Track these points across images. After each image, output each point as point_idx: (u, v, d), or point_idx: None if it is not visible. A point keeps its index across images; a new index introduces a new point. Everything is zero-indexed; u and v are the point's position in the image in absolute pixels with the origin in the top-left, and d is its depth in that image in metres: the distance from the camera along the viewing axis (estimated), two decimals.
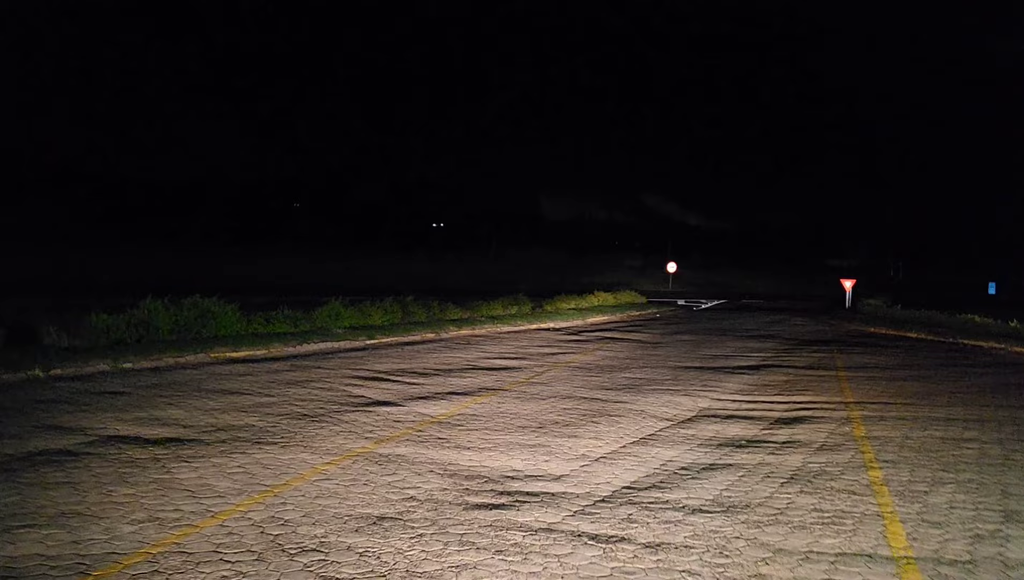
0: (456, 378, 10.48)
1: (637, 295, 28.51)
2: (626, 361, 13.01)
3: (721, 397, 9.63)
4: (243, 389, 9.07)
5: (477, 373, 11.02)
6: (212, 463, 5.82)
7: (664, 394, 9.66)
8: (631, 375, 11.28)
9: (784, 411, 8.79)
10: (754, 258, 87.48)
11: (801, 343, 16.93)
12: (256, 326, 13.37)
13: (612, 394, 9.56)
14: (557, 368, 11.85)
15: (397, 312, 16.30)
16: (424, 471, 5.81)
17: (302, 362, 11.50)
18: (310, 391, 9.08)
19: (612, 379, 10.84)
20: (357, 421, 7.47)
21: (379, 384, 9.73)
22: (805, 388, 10.44)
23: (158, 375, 9.92)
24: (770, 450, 6.87)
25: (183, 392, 8.77)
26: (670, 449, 6.80)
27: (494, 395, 9.20)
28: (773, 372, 11.99)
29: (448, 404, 8.53)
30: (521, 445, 6.75)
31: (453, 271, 47.40)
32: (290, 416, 7.62)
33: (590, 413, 8.29)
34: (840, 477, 5.98)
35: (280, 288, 29.37)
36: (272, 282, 34.28)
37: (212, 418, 7.43)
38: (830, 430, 7.76)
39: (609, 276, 48.38)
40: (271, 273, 40.05)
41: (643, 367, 12.23)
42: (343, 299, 16.12)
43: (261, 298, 21.99)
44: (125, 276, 31.43)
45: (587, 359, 13.10)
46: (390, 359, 12.21)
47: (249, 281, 33.86)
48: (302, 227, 78.00)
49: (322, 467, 5.81)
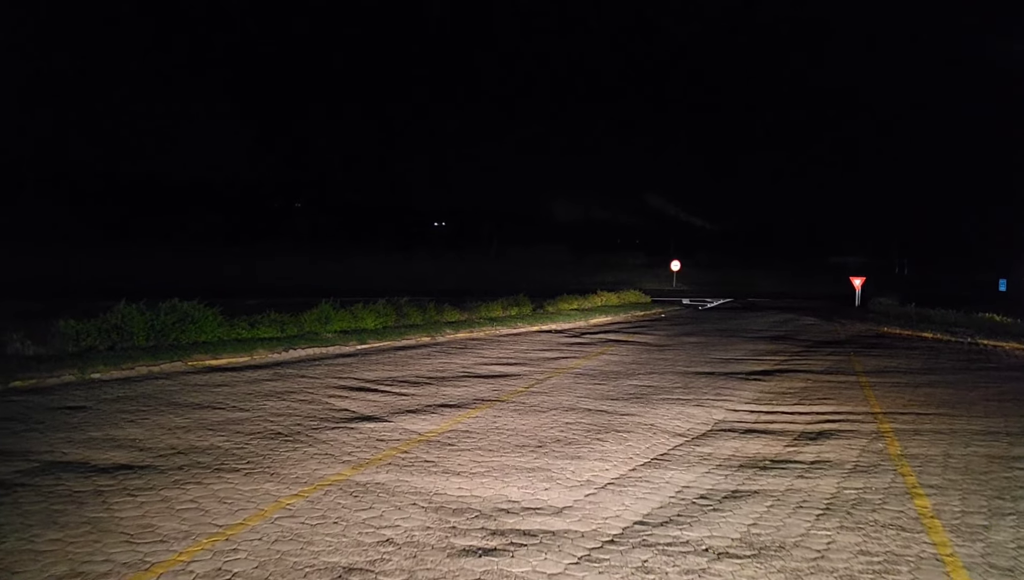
0: (449, 387, 9.72)
1: (641, 294, 27.72)
2: (632, 366, 12.25)
3: (737, 407, 8.86)
4: (216, 402, 8.32)
5: (473, 381, 10.26)
6: (161, 497, 5.06)
7: (675, 405, 8.89)
8: (638, 382, 10.51)
9: (807, 424, 8.02)
10: (756, 256, 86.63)
11: (814, 345, 16.15)
12: (240, 331, 12.61)
13: (619, 405, 8.79)
14: (559, 375, 11.09)
15: (391, 314, 15.55)
16: (406, 504, 5.05)
17: (286, 370, 10.74)
18: (289, 404, 8.32)
19: (618, 387, 10.07)
20: (336, 441, 6.71)
21: (365, 395, 8.97)
22: (826, 396, 9.67)
23: (127, 386, 9.16)
24: (798, 472, 6.11)
25: (149, 406, 8.01)
26: (686, 472, 6.04)
27: (490, 407, 8.44)
28: (789, 378, 11.21)
29: (439, 419, 7.77)
30: (518, 469, 5.99)
31: (453, 270, 46.62)
32: (262, 435, 6.86)
33: (595, 428, 7.53)
34: (883, 507, 5.22)
35: (277, 289, 28.64)
36: (271, 282, 33.50)
37: (174, 438, 6.68)
38: (861, 447, 6.99)
39: (612, 275, 47.59)
40: (271, 273, 39.31)
41: (650, 373, 11.46)
42: (337, 300, 15.36)
43: (255, 299, 21.24)
44: (122, 277, 30.71)
45: (591, 364, 12.33)
46: (381, 366, 11.45)
47: (247, 282, 33.12)
48: (302, 226, 77.28)
49: (288, 500, 5.05)
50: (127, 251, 45.20)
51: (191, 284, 29.62)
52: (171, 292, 12.90)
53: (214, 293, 25.51)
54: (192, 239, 58.94)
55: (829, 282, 60.25)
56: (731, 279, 54.35)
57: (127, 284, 25.96)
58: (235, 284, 30.61)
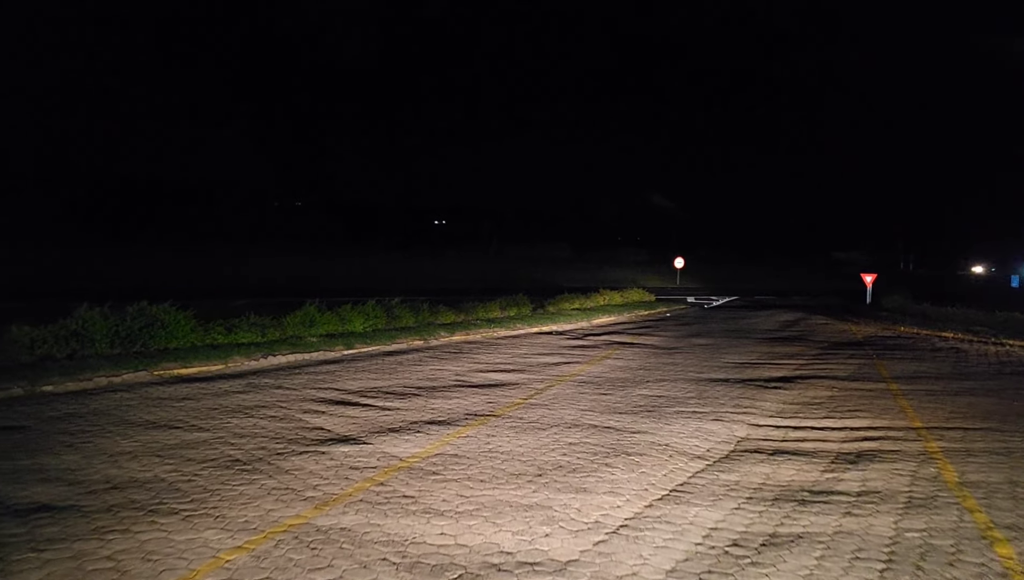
0: (440, 399, 8.77)
1: (645, 293, 26.76)
2: (640, 372, 11.30)
3: (760, 422, 7.91)
4: (175, 420, 7.37)
5: (466, 392, 9.31)
6: (72, 552, 4.12)
7: (691, 419, 7.95)
8: (648, 392, 9.56)
9: (842, 442, 7.08)
10: (760, 253, 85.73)
11: (832, 346, 15.19)
12: (216, 336, 11.66)
13: (628, 420, 7.84)
14: (560, 383, 10.15)
15: (381, 317, 14.60)
16: (374, 559, 4.11)
17: (261, 380, 9.80)
18: (257, 422, 7.38)
19: (626, 398, 9.13)
20: (301, 470, 5.77)
21: (345, 410, 8.02)
22: (857, 408, 8.72)
23: (80, 401, 8.22)
24: (844, 507, 5.16)
25: (98, 426, 7.07)
26: (712, 509, 5.09)
27: (483, 424, 7.49)
28: (813, 385, 10.26)
29: (424, 439, 6.82)
30: (513, 506, 5.05)
31: (452, 269, 45.65)
32: (217, 463, 5.92)
33: (602, 450, 6.58)
34: (960, 559, 4.27)
35: (271, 289, 27.70)
36: (265, 282, 32.54)
37: (114, 467, 5.73)
38: (911, 472, 6.04)
39: (614, 272, 46.61)
40: (267, 272, 38.37)
41: (661, 381, 10.51)
42: (327, 301, 14.45)
43: (244, 300, 20.31)
44: (110, 277, 29.79)
45: (595, 370, 11.39)
46: (366, 373, 10.51)
47: (240, 281, 32.17)
48: (299, 225, 76.39)
49: (228, 555, 4.11)
50: (124, 251, 44.29)
51: (182, 284, 28.73)
52: (158, 293, 11.98)
53: (203, 293, 24.66)
54: (190, 239, 58.10)
55: (834, 278, 59.30)
56: (735, 276, 53.40)
57: (114, 284, 25.08)
58: (229, 283, 29.70)
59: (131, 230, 56.69)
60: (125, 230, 57.64)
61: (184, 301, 13.82)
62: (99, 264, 35.29)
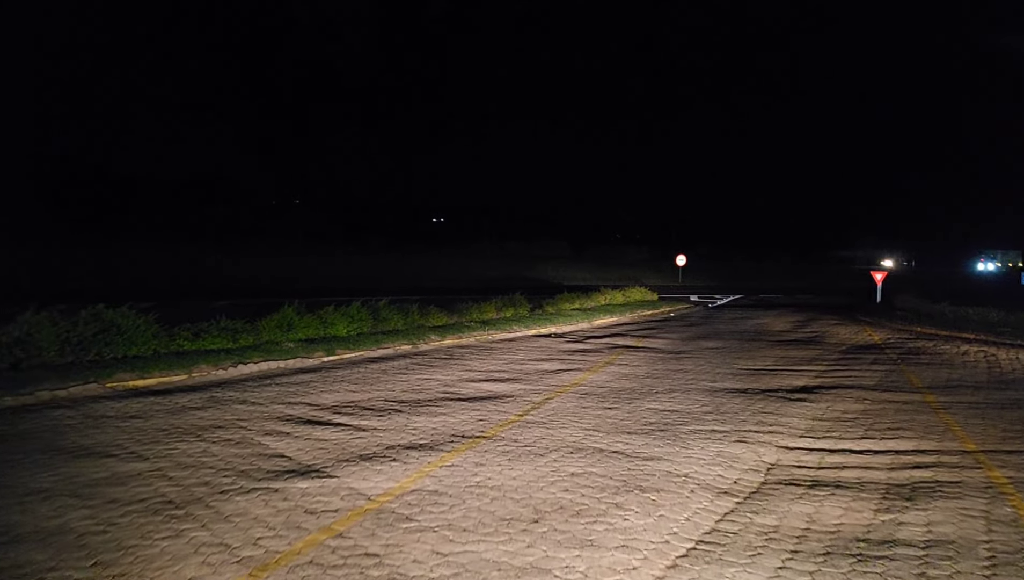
0: (424, 416, 7.74)
1: (647, 291, 25.74)
2: (647, 381, 10.28)
3: (790, 443, 6.89)
4: (113, 445, 6.34)
5: (454, 406, 8.28)
6: None
7: (710, 440, 6.92)
8: (658, 406, 8.53)
9: (890, 470, 6.06)
10: (761, 250, 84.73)
11: (851, 351, 14.17)
12: (181, 342, 10.63)
13: (638, 442, 6.82)
14: (560, 395, 9.12)
15: (367, 319, 13.56)
16: None
17: (226, 393, 8.76)
18: (208, 448, 6.34)
19: (634, 413, 8.10)
20: (245, 516, 4.73)
21: (313, 432, 6.99)
22: (896, 425, 7.70)
23: (11, 421, 7.18)
24: (916, 566, 4.15)
25: (20, 454, 6.03)
26: (752, 571, 4.07)
27: (471, 449, 6.47)
28: (840, 397, 9.24)
29: (400, 470, 5.79)
30: (502, 569, 4.02)
31: (448, 268, 44.59)
32: (145, 506, 4.88)
33: (611, 483, 5.55)
34: None
35: (258, 288, 26.68)
36: (254, 281, 31.44)
37: (18, 513, 4.70)
38: (983, 513, 5.02)
39: (614, 271, 45.57)
40: (258, 271, 37.30)
41: (671, 391, 9.49)
42: (306, 302, 13.45)
43: (227, 301, 19.28)
44: (94, 277, 28.75)
45: (598, 379, 10.36)
46: (345, 385, 9.47)
47: (226, 280, 31.11)
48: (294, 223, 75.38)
49: None
50: (106, 250, 43.24)
51: (164, 284, 27.66)
52: (134, 293, 11.03)
53: (184, 293, 23.63)
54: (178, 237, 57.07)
55: (835, 276, 58.32)
56: (737, 274, 52.42)
57: (90, 284, 24.06)
58: (215, 282, 28.64)
59: (115, 227, 55.52)
60: (109, 227, 56.62)
61: (162, 301, 12.85)
62: (79, 263, 34.24)
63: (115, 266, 33.82)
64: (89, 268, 32.02)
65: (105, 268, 32.95)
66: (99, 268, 32.74)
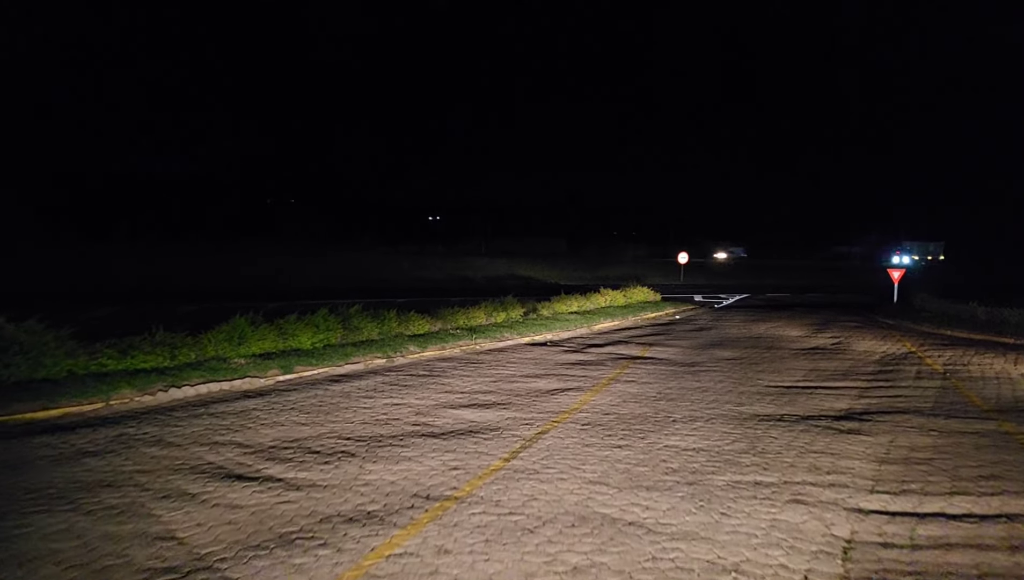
0: (381, 463, 6.03)
1: (649, 291, 24.05)
2: (661, 404, 8.59)
3: (861, 503, 5.20)
4: None
5: (423, 447, 6.57)
6: None
7: (757, 500, 5.22)
8: (680, 442, 6.84)
9: (1012, 551, 4.37)
10: (761, 245, 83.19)
11: (886, 361, 12.50)
12: (105, 360, 8.90)
13: (662, 504, 5.11)
14: (558, 425, 7.43)
15: (335, 328, 11.85)
16: None
17: (141, 429, 7.04)
18: (74, 523, 4.63)
19: (650, 453, 6.41)
20: None
21: (227, 493, 5.27)
22: (987, 470, 6.01)
23: None
24: None
25: None
26: None
27: (435, 521, 4.75)
28: (899, 426, 7.56)
29: (327, 570, 4.08)
30: None
31: (440, 267, 42.88)
32: None
33: None
34: None
35: (235, 290, 24.94)
36: (233, 281, 29.63)
37: None
38: None
39: (613, 269, 43.85)
40: (241, 271, 35.51)
41: (692, 419, 7.79)
42: (278, 304, 11.75)
43: (195, 305, 17.52)
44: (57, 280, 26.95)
45: (602, 402, 8.67)
46: (294, 414, 7.76)
47: (199, 282, 29.31)
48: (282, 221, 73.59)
49: None
50: (79, 249, 41.44)
51: (132, 284, 25.81)
52: (86, 298, 9.32)
53: (149, 296, 21.86)
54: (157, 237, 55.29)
55: (839, 272, 56.76)
56: (738, 271, 50.79)
57: (44, 288, 22.29)
58: (189, 283, 26.87)
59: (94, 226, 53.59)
60: (89, 226, 54.82)
61: (128, 304, 11.17)
62: (49, 264, 32.41)
63: (80, 268, 31.99)
64: (59, 270, 30.24)
65: (75, 269, 31.16)
66: (70, 270, 30.96)
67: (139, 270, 31.78)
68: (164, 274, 30.72)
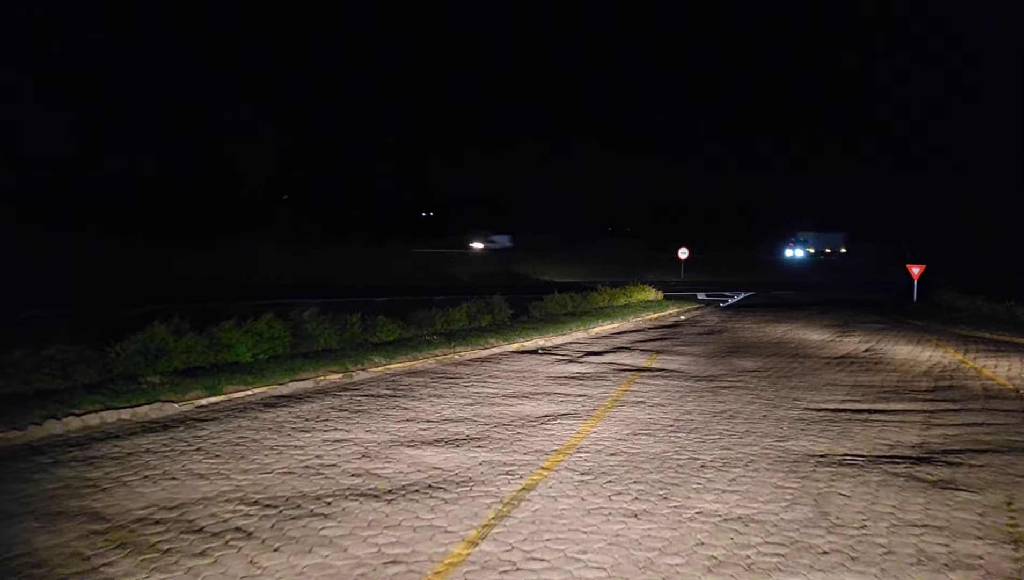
0: (284, 554, 4.09)
1: (650, 290, 22.14)
2: (681, 438, 6.68)
3: None
4: None
5: (354, 517, 4.63)
6: None
7: None
8: (718, 506, 4.91)
9: None
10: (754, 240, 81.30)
11: (939, 374, 10.64)
12: None
13: None
14: (548, 475, 5.51)
15: (284, 336, 9.90)
16: None
17: None
18: None
19: (680, 528, 4.49)
20: None
21: None
22: None
23: None
24: None
25: None
26: None
27: None
28: (1012, 479, 5.66)
29: None
30: None
31: (427, 265, 40.92)
32: None
33: None
34: None
35: (206, 290, 22.93)
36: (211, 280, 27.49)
37: None
38: None
39: (609, 265, 41.95)
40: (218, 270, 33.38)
41: (728, 464, 5.87)
42: (250, 303, 9.80)
43: (139, 309, 15.48)
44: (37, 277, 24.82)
45: (606, 435, 6.75)
46: (194, 460, 5.81)
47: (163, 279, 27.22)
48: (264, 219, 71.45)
49: None
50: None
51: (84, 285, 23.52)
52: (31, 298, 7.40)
53: (94, 297, 19.76)
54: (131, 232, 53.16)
55: (836, 267, 55.04)
56: (737, 267, 49.02)
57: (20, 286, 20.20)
58: (153, 280, 24.80)
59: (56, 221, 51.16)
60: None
61: (65, 306, 9.29)
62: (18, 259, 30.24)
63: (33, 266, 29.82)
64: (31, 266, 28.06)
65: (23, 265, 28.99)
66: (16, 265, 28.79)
67: (90, 269, 29.63)
68: (105, 272, 28.57)
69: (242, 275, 28.84)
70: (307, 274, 30.73)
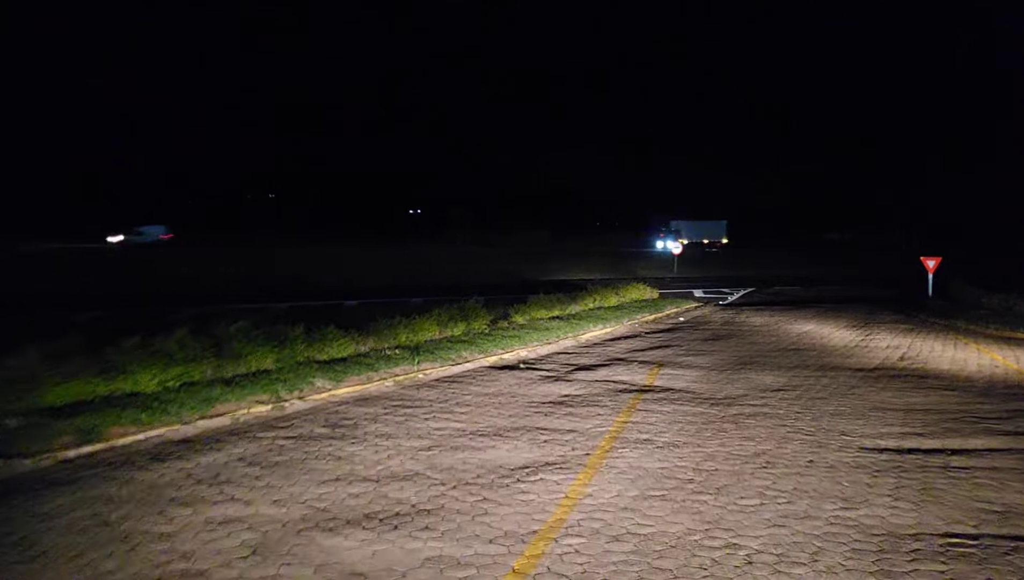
0: None
1: (644, 287, 20.32)
2: (708, 506, 4.85)
3: None
4: None
5: None
6: None
7: None
8: None
9: None
10: (749, 232, 79.79)
11: (1002, 392, 8.90)
12: None
13: None
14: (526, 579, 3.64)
15: (204, 357, 7.95)
16: None
17: None
18: None
19: None
20: None
21: None
22: None
23: None
24: None
25: None
26: None
27: None
28: None
29: None
30: None
31: (408, 262, 38.90)
32: None
33: None
34: None
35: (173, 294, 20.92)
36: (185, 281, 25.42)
37: None
38: None
39: (600, 260, 40.12)
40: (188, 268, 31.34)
41: (779, 559, 4.03)
42: (186, 311, 7.87)
43: (84, 314, 13.53)
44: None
45: (605, 503, 4.91)
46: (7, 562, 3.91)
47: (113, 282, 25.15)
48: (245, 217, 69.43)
49: None
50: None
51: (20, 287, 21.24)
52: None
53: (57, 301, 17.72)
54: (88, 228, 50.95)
55: (832, 260, 53.55)
56: (733, 261, 47.33)
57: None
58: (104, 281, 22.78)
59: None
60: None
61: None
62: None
63: None
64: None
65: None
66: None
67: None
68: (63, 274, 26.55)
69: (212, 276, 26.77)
70: (261, 274, 28.70)
